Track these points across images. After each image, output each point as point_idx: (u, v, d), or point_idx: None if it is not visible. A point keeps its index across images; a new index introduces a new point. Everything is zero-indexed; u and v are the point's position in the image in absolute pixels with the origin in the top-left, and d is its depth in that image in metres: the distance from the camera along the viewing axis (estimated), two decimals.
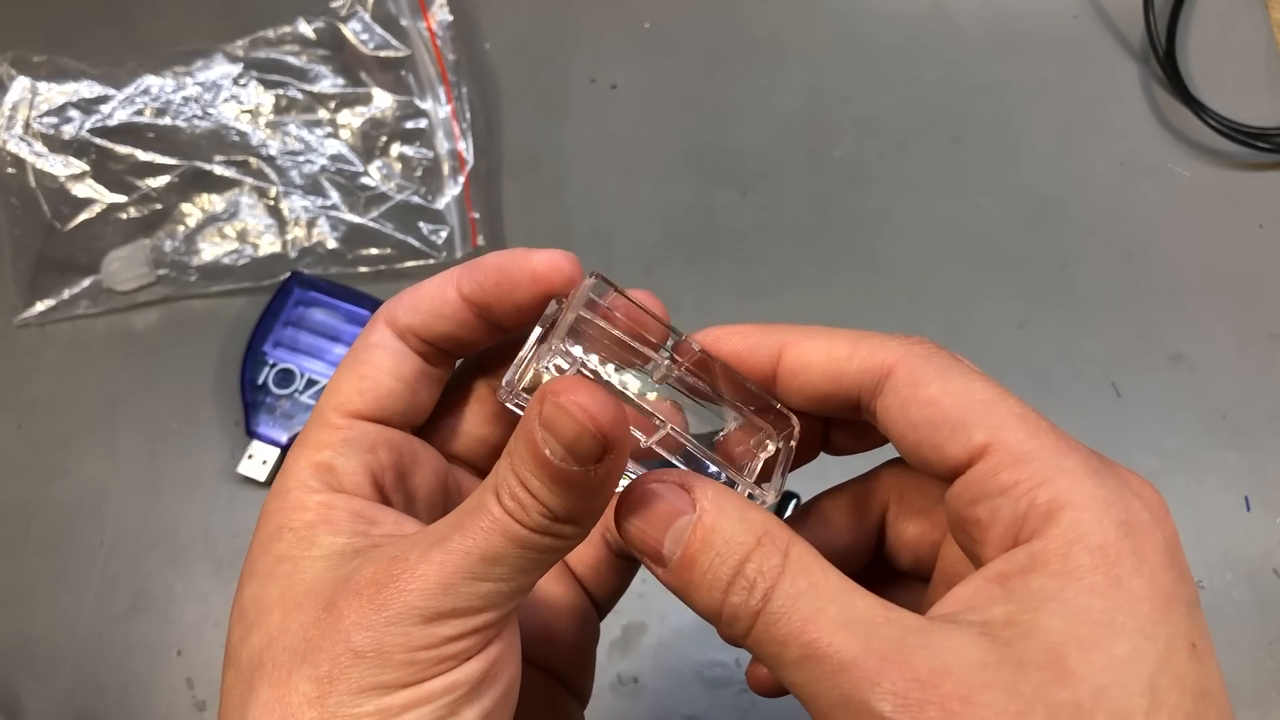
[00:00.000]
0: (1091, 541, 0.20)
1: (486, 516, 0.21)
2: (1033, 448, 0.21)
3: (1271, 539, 0.48)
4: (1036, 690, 0.19)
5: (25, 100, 0.55)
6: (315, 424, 0.25)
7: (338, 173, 0.55)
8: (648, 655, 0.47)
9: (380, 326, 0.26)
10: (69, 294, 0.54)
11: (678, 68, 0.60)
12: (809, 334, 0.25)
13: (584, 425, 0.20)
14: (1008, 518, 0.21)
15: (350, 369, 0.25)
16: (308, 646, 0.21)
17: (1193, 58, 0.59)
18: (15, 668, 0.47)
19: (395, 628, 0.21)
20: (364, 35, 0.57)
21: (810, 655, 0.20)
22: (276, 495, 0.24)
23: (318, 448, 0.24)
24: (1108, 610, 0.20)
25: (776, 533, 0.21)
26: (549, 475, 0.21)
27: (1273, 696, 0.45)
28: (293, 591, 0.22)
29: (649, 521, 0.22)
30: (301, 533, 0.23)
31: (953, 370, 0.23)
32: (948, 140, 0.58)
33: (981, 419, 0.22)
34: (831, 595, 0.21)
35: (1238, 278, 0.54)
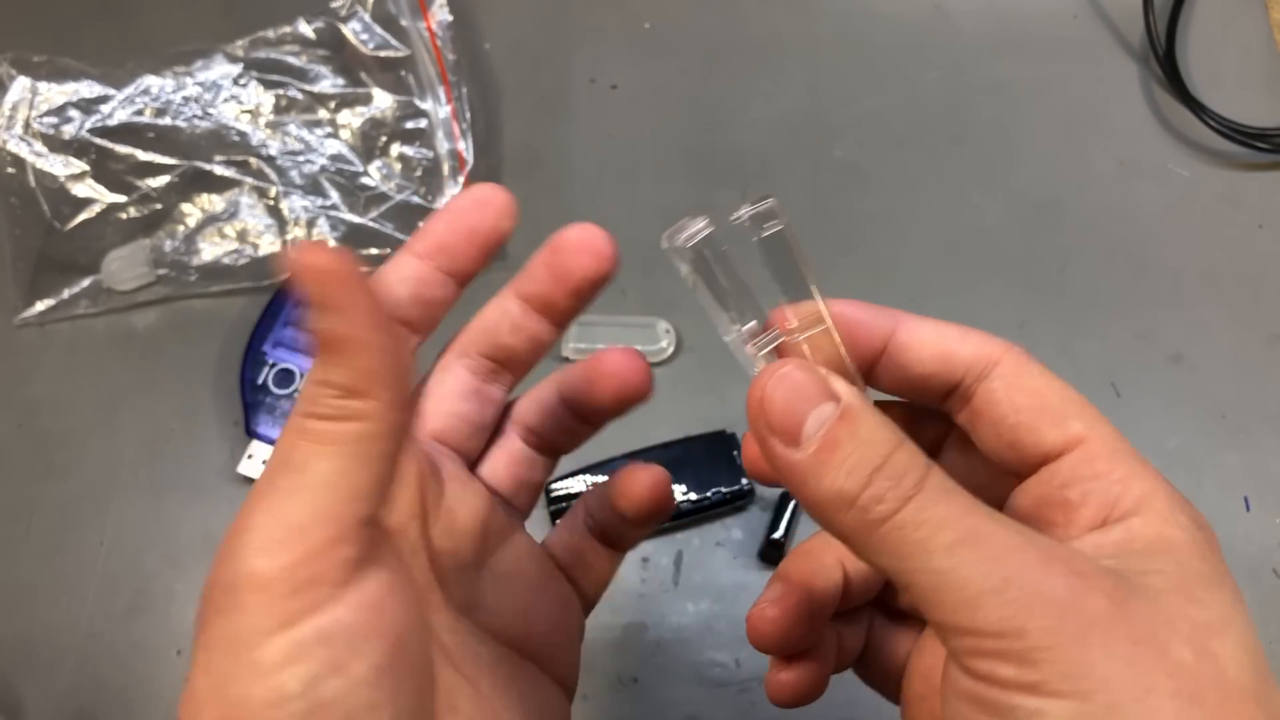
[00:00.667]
0: (1181, 522, 0.22)
1: (288, 431, 0.21)
2: (1123, 447, 0.24)
3: (1271, 539, 0.48)
4: (1175, 608, 0.20)
5: (25, 100, 0.55)
6: None
7: (338, 173, 0.55)
8: (647, 655, 0.47)
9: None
10: (69, 294, 0.54)
11: (678, 68, 0.60)
12: (920, 319, 0.27)
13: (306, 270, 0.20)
14: (1100, 500, 0.23)
15: None
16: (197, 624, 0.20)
17: (1192, 58, 0.59)
18: (15, 667, 0.47)
19: (236, 571, 0.20)
20: (364, 35, 0.57)
21: (970, 539, 0.20)
22: None
23: None
24: (1206, 572, 0.22)
25: (909, 441, 0.22)
26: (314, 347, 0.21)
27: None
28: None
29: (794, 398, 0.22)
30: None
31: (1045, 372, 0.26)
32: (948, 140, 0.58)
33: (1080, 413, 0.24)
34: (976, 501, 0.21)
35: (1238, 278, 0.54)
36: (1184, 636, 0.20)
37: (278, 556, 0.20)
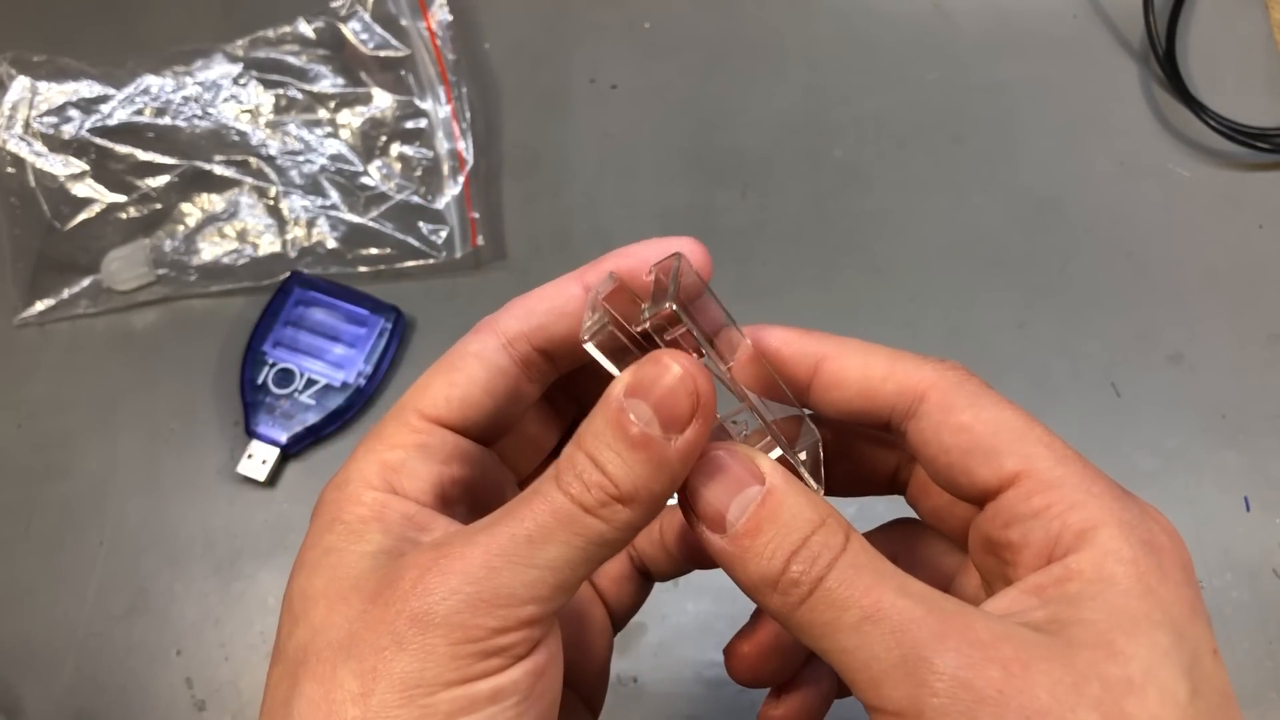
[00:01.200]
0: (1124, 555, 0.21)
1: (540, 500, 0.21)
2: (1062, 474, 0.22)
3: (1271, 539, 0.48)
4: (1090, 665, 0.20)
5: (25, 100, 0.55)
6: (393, 420, 0.25)
7: (337, 172, 0.55)
8: (648, 655, 0.47)
9: (484, 334, 0.25)
10: (69, 294, 0.54)
11: (678, 68, 0.60)
12: (846, 348, 0.25)
13: (682, 380, 0.21)
14: (1041, 538, 0.22)
15: (442, 372, 0.25)
16: (352, 640, 0.21)
17: (1192, 58, 0.59)
18: (15, 667, 0.47)
19: (438, 614, 0.20)
20: (364, 35, 0.57)
21: (871, 616, 0.20)
22: (336, 486, 0.24)
23: (390, 446, 0.24)
24: (1145, 609, 0.21)
25: (838, 517, 0.22)
26: (627, 441, 0.21)
27: (1271, 697, 0.45)
28: (338, 584, 0.22)
29: (717, 486, 0.22)
30: (353, 526, 0.23)
31: (983, 398, 0.24)
32: (948, 140, 0.58)
33: (1013, 447, 0.23)
34: (891, 572, 0.21)
35: (1237, 278, 0.54)
36: (1093, 700, 0.19)
37: (484, 618, 0.20)
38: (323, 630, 0.21)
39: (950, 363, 0.25)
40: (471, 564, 0.21)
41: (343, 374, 0.51)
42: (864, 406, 0.25)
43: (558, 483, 0.21)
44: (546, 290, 0.26)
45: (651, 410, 0.21)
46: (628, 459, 0.21)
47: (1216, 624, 0.46)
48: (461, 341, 0.25)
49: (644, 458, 0.21)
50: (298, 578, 0.23)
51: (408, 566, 0.21)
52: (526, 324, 0.25)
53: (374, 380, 0.51)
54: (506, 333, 0.25)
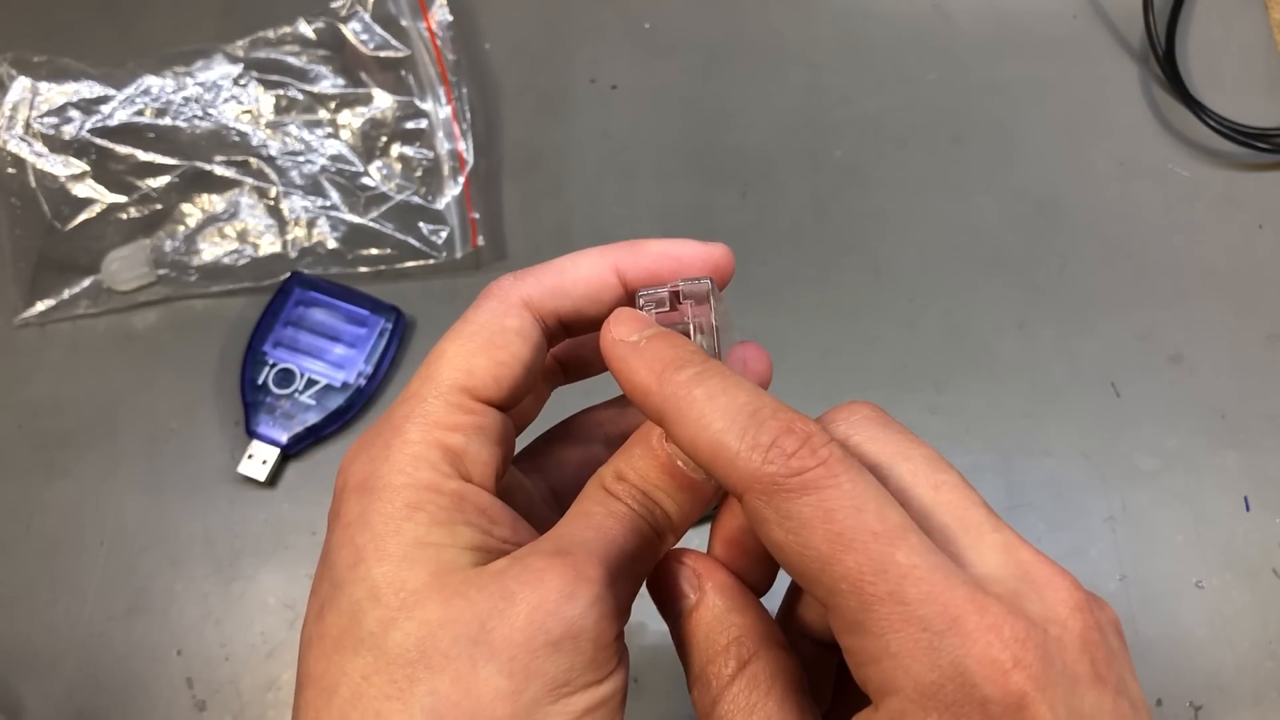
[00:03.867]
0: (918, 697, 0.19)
1: (630, 520, 0.24)
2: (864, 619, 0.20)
3: (1271, 539, 0.48)
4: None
5: (25, 100, 0.55)
6: (440, 400, 0.24)
7: (338, 173, 0.55)
8: (648, 655, 0.47)
9: (519, 310, 0.25)
10: (69, 294, 0.54)
11: (677, 68, 0.60)
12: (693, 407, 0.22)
13: None
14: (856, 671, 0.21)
15: (485, 350, 0.24)
16: (491, 637, 0.20)
17: (1192, 58, 0.59)
18: (15, 667, 0.47)
19: (588, 620, 0.21)
20: (364, 35, 0.57)
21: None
22: (400, 469, 0.23)
23: (449, 429, 0.23)
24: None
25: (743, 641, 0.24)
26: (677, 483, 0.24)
27: (1271, 696, 0.45)
28: (450, 579, 0.21)
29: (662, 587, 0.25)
30: (440, 519, 0.22)
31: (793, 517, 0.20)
32: (948, 140, 0.58)
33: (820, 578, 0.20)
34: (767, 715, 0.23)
35: (1237, 278, 0.54)
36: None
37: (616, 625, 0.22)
38: (447, 625, 0.21)
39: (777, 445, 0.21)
40: (603, 574, 0.22)
41: (343, 374, 0.51)
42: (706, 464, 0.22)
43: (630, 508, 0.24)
44: (579, 269, 0.26)
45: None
46: (679, 499, 0.24)
47: (1216, 624, 0.46)
48: (492, 313, 0.25)
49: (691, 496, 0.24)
50: (381, 565, 0.21)
51: (539, 574, 0.21)
52: (561, 304, 0.25)
53: (374, 380, 0.51)
54: (540, 310, 0.25)
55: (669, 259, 0.26)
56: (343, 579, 0.22)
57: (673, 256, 0.26)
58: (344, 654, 0.21)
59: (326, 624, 0.22)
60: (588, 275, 0.26)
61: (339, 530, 0.23)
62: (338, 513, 0.23)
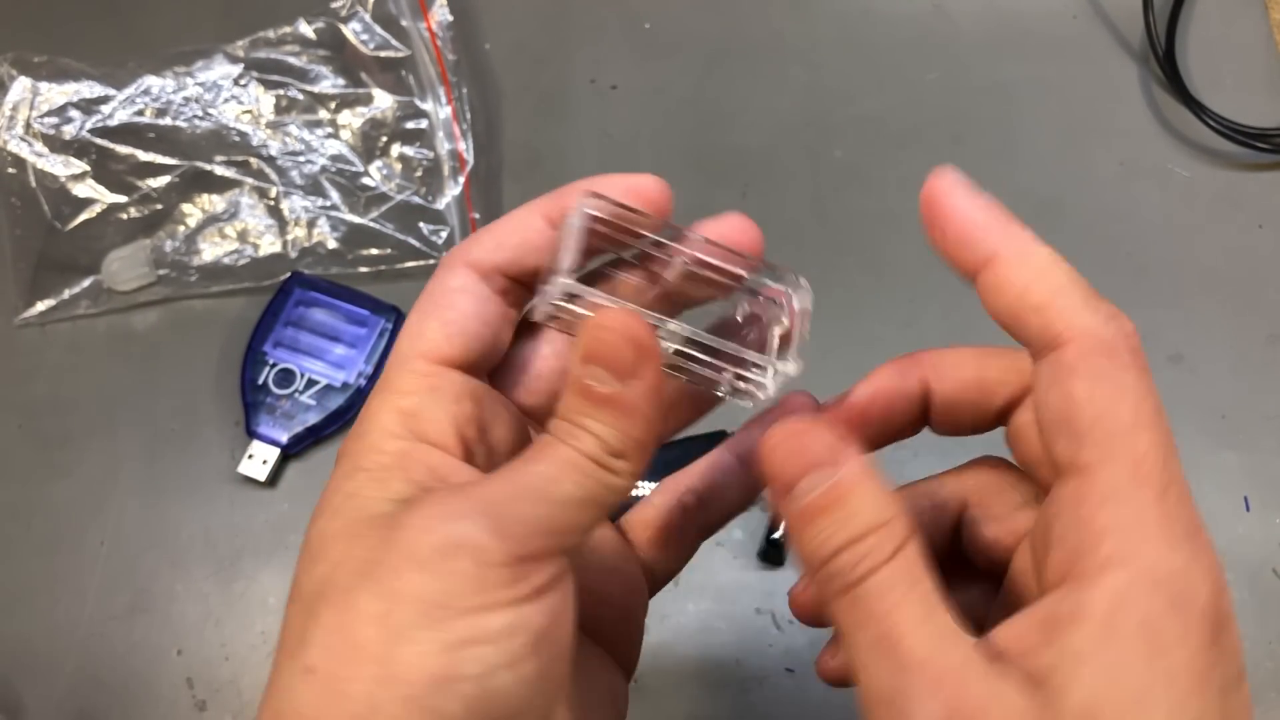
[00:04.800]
0: (1137, 610, 0.20)
1: (549, 449, 0.22)
2: (1126, 493, 0.21)
3: (1271, 539, 0.48)
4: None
5: (26, 100, 0.55)
6: (398, 369, 0.25)
7: (338, 173, 0.55)
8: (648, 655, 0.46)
9: (460, 270, 0.26)
10: (69, 294, 0.54)
11: (677, 68, 0.60)
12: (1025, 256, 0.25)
13: (618, 333, 0.22)
14: (1069, 548, 0.21)
15: (433, 314, 0.25)
16: (371, 565, 0.21)
17: (1192, 58, 0.59)
18: (16, 667, 0.47)
19: (460, 533, 0.20)
20: (364, 36, 0.57)
21: (881, 643, 0.21)
22: (356, 437, 0.24)
23: (403, 393, 0.24)
24: (1145, 680, 0.20)
25: (899, 523, 0.22)
26: (594, 401, 0.22)
27: (1271, 697, 0.45)
28: (357, 523, 0.22)
29: (795, 458, 0.23)
30: (375, 474, 0.23)
31: (1111, 377, 0.22)
32: (948, 140, 0.58)
33: (1102, 440, 0.22)
34: (921, 598, 0.21)
35: (1237, 278, 0.54)
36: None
37: (508, 543, 0.21)
38: (342, 563, 0.21)
39: (1117, 319, 0.24)
40: (490, 493, 0.21)
41: (343, 374, 0.51)
42: (1010, 325, 0.24)
43: (557, 432, 0.23)
44: (513, 224, 0.26)
45: (606, 370, 0.22)
46: (604, 418, 0.22)
47: None
48: (436, 281, 0.26)
49: (616, 412, 0.22)
50: (317, 522, 0.23)
51: (430, 499, 0.21)
52: (499, 256, 0.26)
53: (374, 380, 0.51)
54: (480, 266, 0.26)
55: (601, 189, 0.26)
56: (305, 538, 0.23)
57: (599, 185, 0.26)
58: (289, 605, 0.23)
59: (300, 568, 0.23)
60: (518, 226, 0.26)
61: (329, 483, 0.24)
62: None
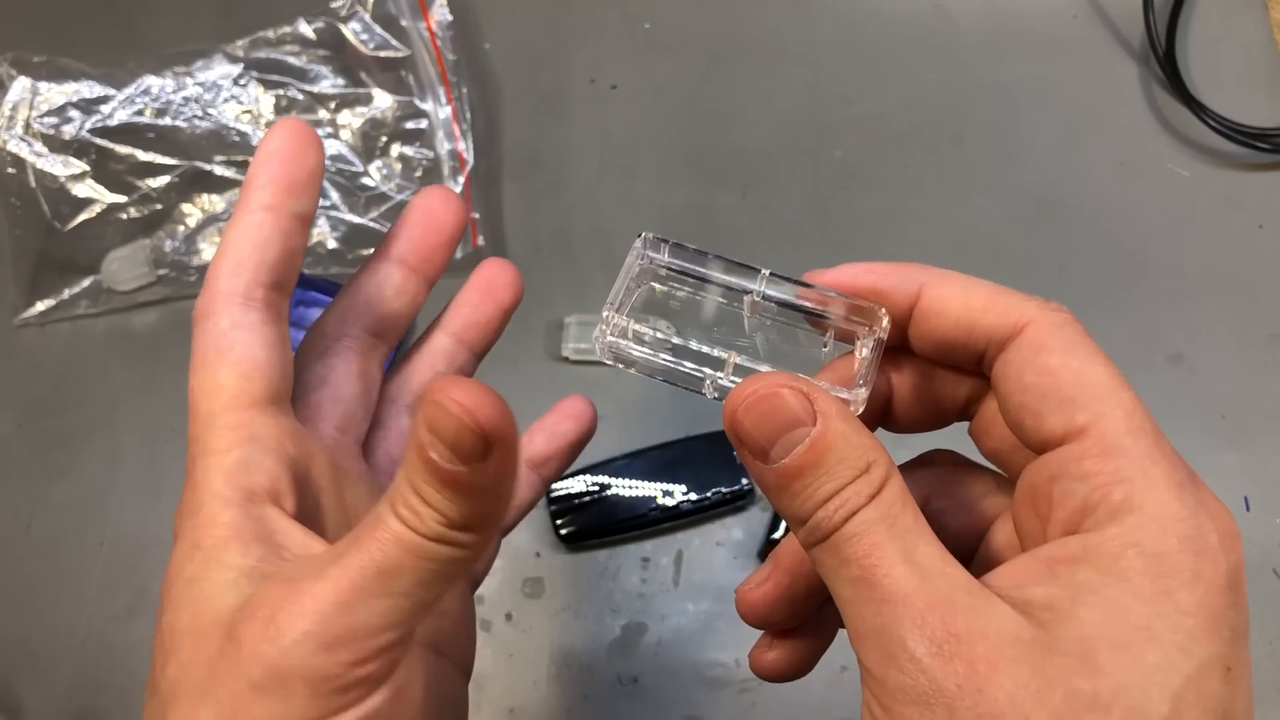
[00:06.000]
0: (1149, 548, 0.20)
1: (382, 529, 0.21)
2: (1127, 445, 0.22)
3: (1271, 539, 0.48)
4: (1060, 674, 0.19)
5: (25, 100, 0.55)
6: (209, 430, 0.23)
7: (338, 173, 0.55)
8: (647, 655, 0.47)
9: (222, 308, 0.24)
10: (69, 294, 0.54)
11: (678, 68, 0.60)
12: (947, 279, 0.25)
13: (461, 420, 0.19)
14: (1077, 504, 0.21)
15: (218, 362, 0.24)
16: (212, 680, 0.21)
17: (1193, 58, 0.59)
18: (15, 667, 0.47)
19: (293, 657, 0.20)
20: (364, 36, 0.57)
21: (865, 579, 0.21)
22: (190, 511, 0.23)
23: (222, 453, 0.23)
24: (1148, 616, 0.20)
25: (879, 467, 0.22)
26: (438, 479, 0.20)
27: (1271, 696, 0.45)
28: (201, 619, 0.22)
29: (765, 420, 0.22)
30: (211, 552, 0.22)
31: (1080, 346, 0.23)
32: (948, 140, 0.58)
33: (1090, 402, 0.22)
34: (903, 532, 0.21)
35: (1237, 278, 0.54)
36: (1052, 710, 0.19)
37: (340, 655, 0.20)
38: (189, 667, 0.21)
39: (1056, 304, 0.24)
40: (323, 602, 0.20)
41: None
42: (960, 337, 0.24)
43: (394, 509, 0.21)
44: (239, 236, 0.25)
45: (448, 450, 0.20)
46: (446, 495, 0.20)
47: None
48: (203, 330, 0.24)
49: (459, 491, 0.20)
50: (166, 613, 0.23)
51: (259, 604, 0.21)
52: (245, 276, 0.25)
53: None
54: (234, 294, 0.25)
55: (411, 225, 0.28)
56: None
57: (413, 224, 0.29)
58: (147, 698, 0.23)
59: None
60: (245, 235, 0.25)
61: None
62: None
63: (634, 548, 0.48)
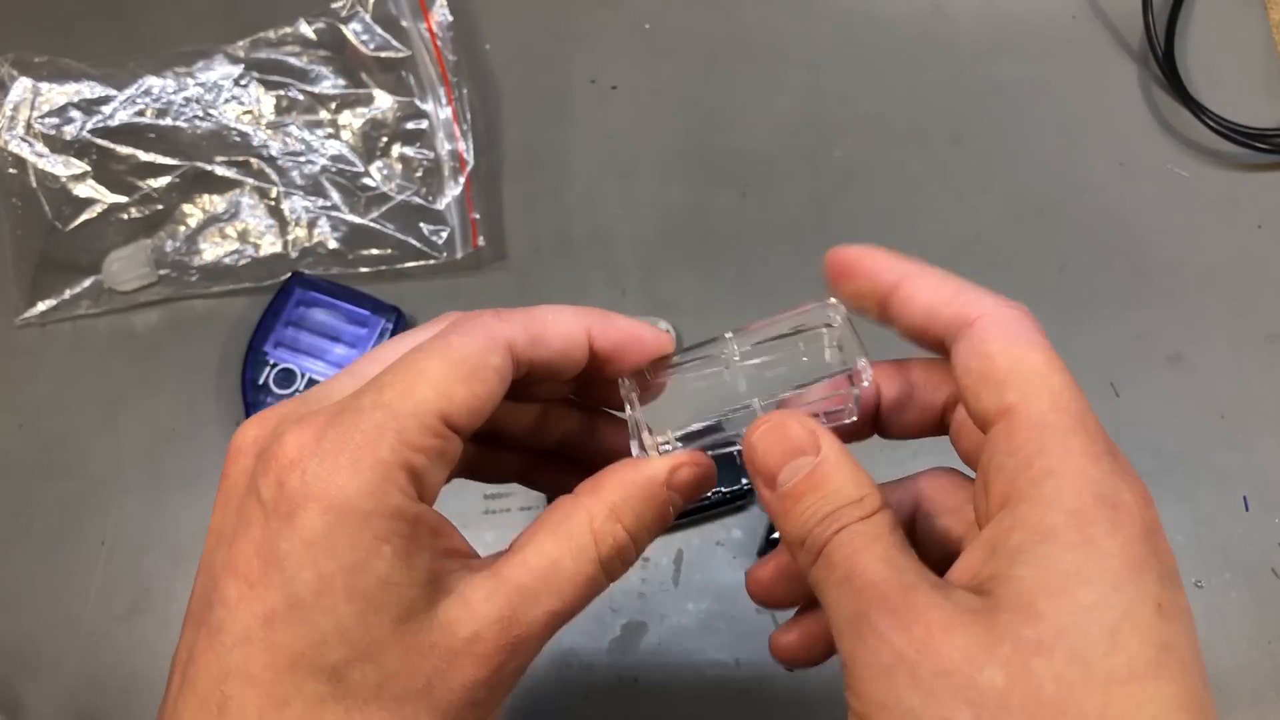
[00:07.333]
0: (1068, 505, 0.22)
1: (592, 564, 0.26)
2: (1051, 420, 0.24)
3: (1269, 539, 0.48)
4: (1006, 627, 0.21)
5: (27, 101, 0.55)
6: (416, 421, 0.24)
7: (339, 173, 0.55)
8: (647, 655, 0.47)
9: (504, 350, 0.26)
10: (70, 294, 0.54)
11: (678, 69, 0.60)
12: (925, 273, 0.27)
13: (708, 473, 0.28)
14: (1007, 476, 0.24)
15: (467, 382, 0.25)
16: (434, 692, 0.24)
17: (1192, 59, 0.59)
18: (16, 667, 0.47)
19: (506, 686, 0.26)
20: (365, 36, 0.57)
21: (847, 578, 0.23)
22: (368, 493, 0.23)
23: (417, 450, 0.24)
24: (1077, 562, 0.22)
25: (871, 498, 0.25)
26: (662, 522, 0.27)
27: (1270, 696, 0.45)
28: (409, 628, 0.24)
29: (775, 446, 0.26)
30: (402, 552, 0.24)
31: (1022, 336, 0.25)
32: (947, 141, 0.58)
33: (1019, 384, 0.24)
34: (883, 546, 0.24)
35: (1236, 278, 0.54)
36: (1001, 660, 0.21)
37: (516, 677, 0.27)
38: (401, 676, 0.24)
39: (1015, 303, 0.26)
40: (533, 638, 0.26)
41: None
42: (925, 325, 0.27)
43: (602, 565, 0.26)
44: (559, 324, 0.28)
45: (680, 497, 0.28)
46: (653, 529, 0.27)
47: (1215, 623, 0.46)
48: (479, 347, 0.26)
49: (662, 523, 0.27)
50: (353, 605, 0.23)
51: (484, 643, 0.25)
52: (537, 353, 0.27)
53: None
54: (518, 355, 0.26)
55: (631, 338, 0.29)
56: (306, 603, 0.23)
57: (635, 336, 0.29)
58: (301, 674, 0.23)
59: (279, 636, 0.23)
60: (565, 333, 0.27)
61: (298, 544, 0.23)
62: (291, 517, 0.23)
63: None
